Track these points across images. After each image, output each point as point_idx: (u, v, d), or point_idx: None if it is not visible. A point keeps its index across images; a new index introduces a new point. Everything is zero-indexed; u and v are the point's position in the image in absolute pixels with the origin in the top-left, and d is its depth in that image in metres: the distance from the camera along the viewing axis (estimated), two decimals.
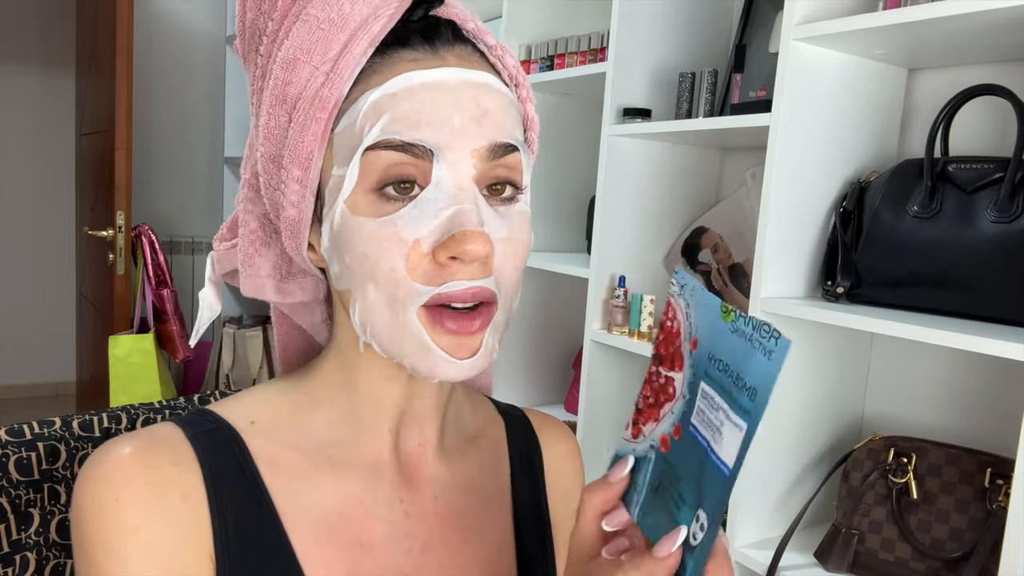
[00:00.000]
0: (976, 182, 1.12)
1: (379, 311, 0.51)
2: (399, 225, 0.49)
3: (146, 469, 0.52)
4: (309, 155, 0.52)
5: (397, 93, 0.49)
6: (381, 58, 0.51)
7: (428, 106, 0.49)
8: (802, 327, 1.30)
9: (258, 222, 0.59)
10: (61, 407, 4.04)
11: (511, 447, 0.69)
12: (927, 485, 1.18)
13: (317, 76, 0.51)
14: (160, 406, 0.72)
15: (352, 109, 0.51)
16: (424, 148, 0.49)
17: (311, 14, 0.51)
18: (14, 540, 0.63)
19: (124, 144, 2.62)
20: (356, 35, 0.51)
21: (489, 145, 0.51)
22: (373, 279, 0.50)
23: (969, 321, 1.10)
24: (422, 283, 0.50)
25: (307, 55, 0.51)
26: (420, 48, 0.51)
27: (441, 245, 0.49)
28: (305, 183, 0.52)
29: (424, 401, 0.60)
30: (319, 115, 0.51)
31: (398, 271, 0.49)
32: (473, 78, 0.51)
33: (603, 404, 1.67)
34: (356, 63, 0.50)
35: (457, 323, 0.50)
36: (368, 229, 0.50)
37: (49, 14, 4.06)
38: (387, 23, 0.51)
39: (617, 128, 1.58)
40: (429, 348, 0.51)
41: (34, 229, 4.17)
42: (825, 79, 1.25)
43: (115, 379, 2.62)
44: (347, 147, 0.51)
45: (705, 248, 1.67)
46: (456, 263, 0.49)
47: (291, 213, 0.54)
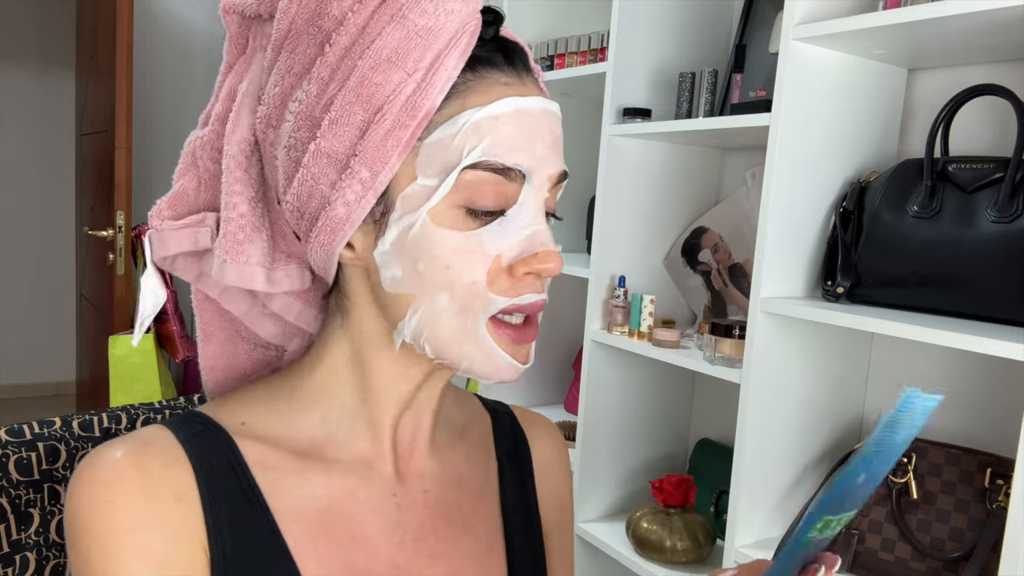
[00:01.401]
0: (976, 182, 1.12)
1: (447, 318, 0.53)
2: (484, 240, 0.53)
3: (138, 471, 0.52)
4: (386, 160, 0.51)
5: (499, 117, 0.52)
6: (473, 75, 0.52)
7: (522, 132, 0.53)
8: (802, 327, 1.30)
9: (248, 205, 0.57)
10: (61, 407, 4.04)
11: (498, 443, 0.70)
12: (927, 485, 1.18)
13: (408, 83, 0.51)
14: (160, 406, 0.72)
15: (449, 124, 0.52)
16: (519, 172, 0.53)
17: (408, 19, 0.51)
18: (14, 540, 0.63)
19: (124, 144, 2.62)
20: (448, 47, 0.51)
21: (560, 172, 0.56)
22: (450, 288, 0.53)
23: (969, 321, 1.10)
24: (499, 294, 0.53)
25: (401, 60, 0.51)
26: (508, 71, 0.54)
27: (522, 261, 0.54)
28: (370, 186, 0.52)
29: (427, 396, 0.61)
30: (408, 122, 0.51)
31: (479, 283, 0.53)
32: (549, 108, 0.55)
33: (603, 404, 1.67)
34: (449, 76, 0.51)
35: (520, 333, 0.55)
36: (454, 241, 0.52)
37: (49, 14, 4.06)
38: (471, 39, 0.52)
39: (617, 128, 1.58)
40: (495, 353, 0.54)
41: (34, 229, 4.17)
42: (825, 79, 1.25)
43: (115, 379, 2.62)
44: (440, 160, 0.52)
45: (705, 248, 1.67)
46: (530, 277, 0.54)
47: (340, 212, 0.53)
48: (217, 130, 0.59)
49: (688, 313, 1.77)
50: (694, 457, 1.74)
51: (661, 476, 1.62)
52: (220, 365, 0.65)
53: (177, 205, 0.60)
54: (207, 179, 0.60)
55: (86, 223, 3.13)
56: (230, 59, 0.61)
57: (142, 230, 2.80)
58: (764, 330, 1.27)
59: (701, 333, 1.55)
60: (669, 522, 1.50)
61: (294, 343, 0.66)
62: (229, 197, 0.56)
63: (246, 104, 0.57)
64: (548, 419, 0.76)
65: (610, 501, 1.73)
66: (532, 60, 0.57)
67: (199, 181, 0.60)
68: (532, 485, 0.70)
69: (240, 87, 0.58)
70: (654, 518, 1.52)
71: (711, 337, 1.38)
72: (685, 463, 1.81)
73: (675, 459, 1.82)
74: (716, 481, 1.62)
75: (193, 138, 0.61)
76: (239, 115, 0.57)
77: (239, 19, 0.59)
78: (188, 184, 0.61)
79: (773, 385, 1.30)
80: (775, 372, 1.29)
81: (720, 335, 1.36)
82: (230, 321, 0.64)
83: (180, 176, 0.61)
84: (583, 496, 1.68)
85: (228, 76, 0.60)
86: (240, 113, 0.57)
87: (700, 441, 1.75)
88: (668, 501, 1.51)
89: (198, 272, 0.61)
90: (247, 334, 0.65)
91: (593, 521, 1.70)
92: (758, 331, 1.27)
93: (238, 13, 0.58)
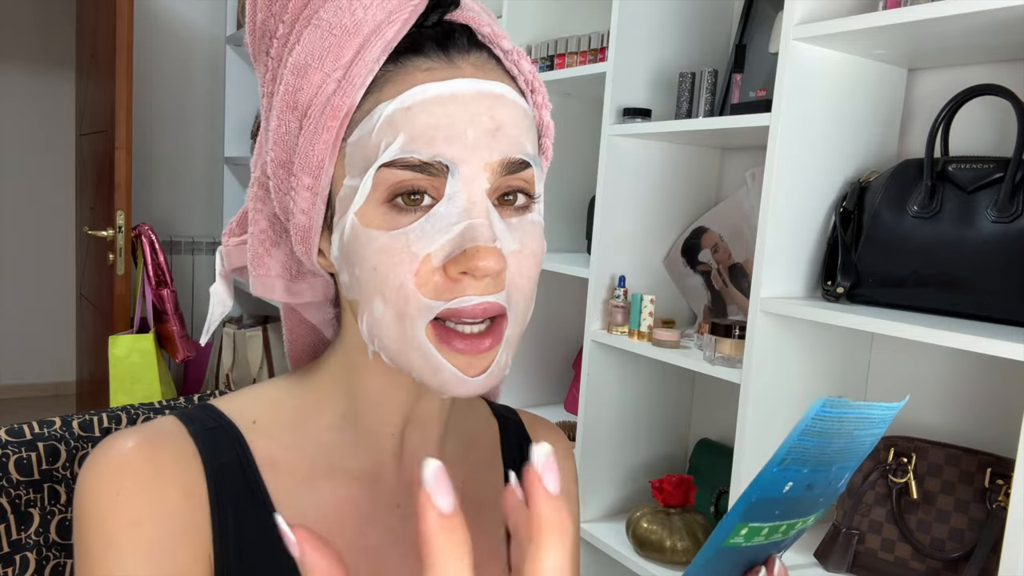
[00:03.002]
0: (976, 182, 1.12)
1: (387, 325, 0.50)
2: (410, 239, 0.48)
3: (148, 464, 0.52)
4: (320, 163, 0.51)
5: (412, 107, 0.48)
6: (395, 66, 0.50)
7: (443, 120, 0.48)
8: (802, 327, 1.30)
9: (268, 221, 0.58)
10: (61, 407, 4.04)
11: (505, 451, 0.70)
12: (927, 485, 1.18)
13: (329, 83, 0.50)
14: (160, 406, 0.72)
15: (366, 120, 0.50)
16: (441, 165, 0.48)
17: (323, 19, 0.50)
18: (14, 540, 0.63)
19: (124, 144, 2.62)
20: (369, 41, 0.49)
21: (502, 160, 0.50)
22: (381, 293, 0.49)
23: (969, 321, 1.10)
24: (431, 298, 0.49)
25: (319, 61, 0.50)
26: (435, 56, 0.50)
27: (453, 260, 0.48)
28: (316, 191, 0.52)
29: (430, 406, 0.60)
30: (330, 123, 0.50)
31: (407, 286, 0.48)
32: (487, 89, 0.50)
33: (603, 404, 1.67)
34: (368, 71, 0.49)
35: (467, 343, 0.49)
36: (379, 242, 0.49)
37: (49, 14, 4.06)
38: (401, 28, 0.50)
39: (617, 128, 1.58)
40: (439, 365, 0.50)
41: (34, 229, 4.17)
42: (825, 79, 1.25)
43: (115, 379, 2.62)
44: (361, 159, 0.50)
45: (705, 248, 1.67)
46: (467, 278, 0.48)
47: (301, 220, 0.53)
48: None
49: (688, 313, 1.77)
50: (694, 457, 1.74)
51: (661, 476, 1.62)
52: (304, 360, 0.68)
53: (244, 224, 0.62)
54: None
55: (86, 223, 3.13)
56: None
57: (142, 230, 2.80)
58: (764, 330, 1.27)
59: (701, 333, 1.55)
60: (669, 522, 1.50)
61: None
62: (253, 215, 0.58)
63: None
64: (555, 424, 0.76)
65: (610, 501, 1.73)
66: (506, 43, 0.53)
67: None
68: None
69: None
70: (654, 518, 1.52)
71: (711, 337, 1.38)
72: (685, 463, 1.81)
73: (675, 459, 1.82)
74: (716, 481, 1.62)
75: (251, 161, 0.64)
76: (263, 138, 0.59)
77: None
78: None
79: (773, 385, 1.30)
80: (775, 372, 1.29)
81: (720, 335, 1.36)
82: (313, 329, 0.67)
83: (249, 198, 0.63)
84: (583, 496, 1.68)
85: None
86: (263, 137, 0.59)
87: (700, 441, 1.75)
88: (668, 501, 1.51)
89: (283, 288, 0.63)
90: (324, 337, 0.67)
91: (593, 521, 1.70)
92: (758, 331, 1.27)
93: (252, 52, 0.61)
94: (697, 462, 1.72)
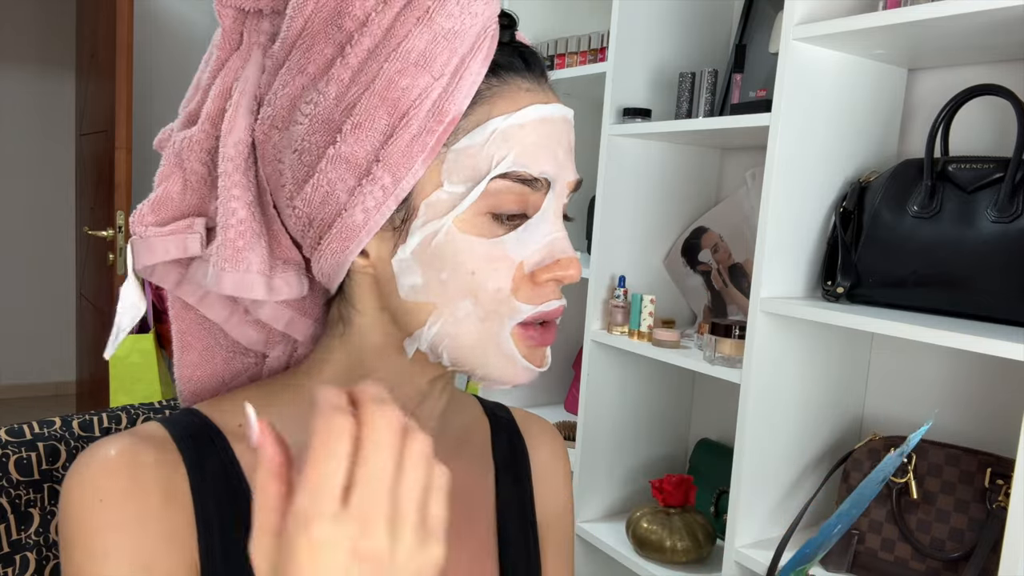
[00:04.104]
0: (976, 182, 1.12)
1: (470, 324, 0.53)
2: (508, 247, 0.52)
3: (130, 470, 0.52)
4: (410, 166, 0.50)
5: (526, 126, 0.52)
6: (499, 81, 0.52)
7: (545, 141, 0.53)
8: (802, 327, 1.30)
9: (247, 210, 0.54)
10: (61, 407, 4.04)
11: (496, 449, 0.69)
12: (927, 485, 1.18)
13: (435, 87, 0.50)
14: (160, 406, 0.72)
15: (477, 131, 0.51)
16: (545, 181, 0.53)
17: (436, 21, 0.50)
18: (14, 540, 0.63)
19: (124, 144, 2.62)
20: (472, 51, 0.51)
21: (577, 179, 0.56)
22: (474, 295, 0.52)
23: (969, 321, 1.10)
24: (523, 302, 0.53)
25: (429, 63, 0.50)
26: (529, 77, 0.54)
27: (545, 268, 0.54)
28: (392, 192, 0.51)
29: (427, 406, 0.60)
30: (434, 128, 0.50)
31: (504, 290, 0.52)
32: (568, 116, 0.56)
33: (603, 404, 1.67)
34: (474, 81, 0.51)
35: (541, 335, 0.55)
36: (480, 249, 0.52)
37: (49, 14, 4.06)
38: (493, 43, 0.52)
39: (617, 128, 1.58)
40: (515, 360, 0.55)
41: (34, 229, 4.17)
42: (825, 79, 1.25)
43: (115, 379, 2.62)
44: (467, 167, 0.51)
45: (705, 248, 1.67)
46: (551, 284, 0.54)
47: (358, 218, 0.51)
48: (207, 130, 0.57)
49: (688, 313, 1.77)
50: (694, 457, 1.74)
51: (661, 476, 1.62)
52: (198, 375, 0.63)
53: (161, 210, 0.57)
54: (194, 182, 0.57)
55: (86, 223, 3.13)
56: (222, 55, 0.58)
57: None
58: (764, 330, 1.27)
59: (701, 333, 1.55)
60: (669, 522, 1.50)
61: (276, 350, 0.64)
62: (228, 203, 0.54)
63: (243, 104, 0.55)
64: (548, 422, 0.76)
65: (610, 501, 1.73)
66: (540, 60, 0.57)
67: (185, 184, 0.58)
68: (530, 490, 0.70)
69: (235, 86, 0.56)
70: (654, 518, 1.52)
71: (711, 337, 1.38)
72: (685, 463, 1.81)
73: (675, 459, 1.82)
74: (716, 481, 1.62)
75: (179, 138, 0.58)
76: (235, 116, 0.55)
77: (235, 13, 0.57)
78: (172, 187, 0.58)
79: (773, 385, 1.30)
80: (775, 372, 1.29)
81: (720, 335, 1.36)
82: (209, 329, 0.62)
83: (163, 179, 0.58)
84: (583, 496, 1.68)
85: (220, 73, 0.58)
86: (237, 114, 0.55)
87: (700, 441, 1.75)
88: (668, 501, 1.51)
89: (178, 279, 0.59)
90: (226, 342, 0.63)
91: (593, 521, 1.70)
92: (758, 331, 1.27)
93: (234, 7, 0.56)
94: (697, 462, 1.72)
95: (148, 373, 2.65)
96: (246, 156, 0.55)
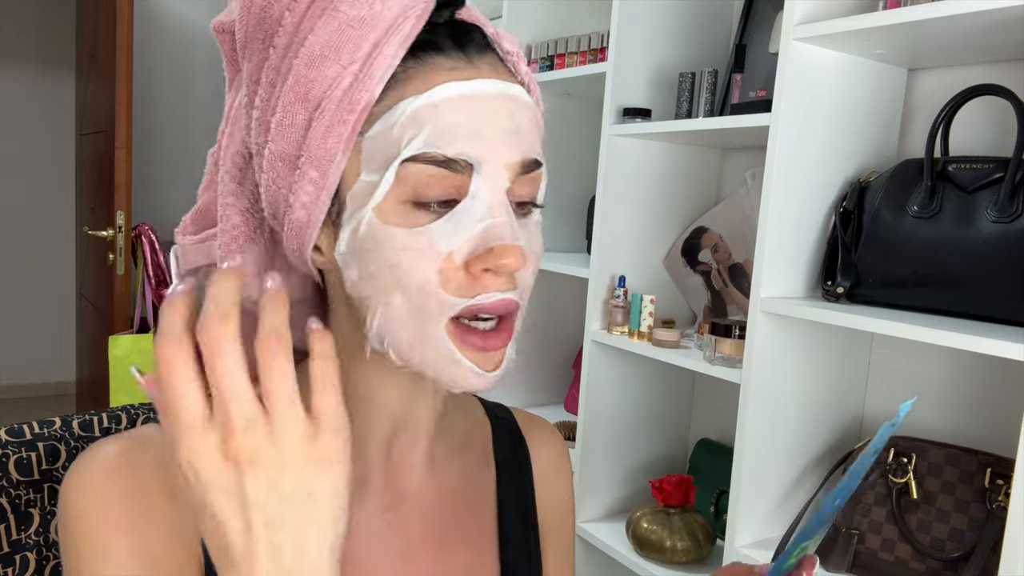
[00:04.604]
0: (976, 182, 1.12)
1: (403, 320, 0.51)
2: (434, 236, 0.49)
3: (131, 469, 0.52)
4: (331, 157, 0.50)
5: (439, 104, 0.49)
6: (416, 62, 0.50)
7: (467, 119, 0.49)
8: (802, 327, 1.30)
9: (241, 216, 0.56)
10: (61, 407, 4.04)
11: (497, 451, 0.69)
12: (927, 485, 1.18)
13: (345, 76, 0.49)
14: None
15: (388, 115, 0.49)
16: (465, 162, 0.49)
17: (340, 10, 0.49)
18: (14, 540, 0.63)
19: (124, 144, 2.62)
20: (387, 35, 0.49)
21: (522, 160, 0.51)
22: (401, 288, 0.50)
23: (969, 321, 1.10)
24: (454, 295, 0.50)
25: (335, 53, 0.49)
26: (455, 55, 0.50)
27: (477, 257, 0.49)
28: (322, 185, 0.51)
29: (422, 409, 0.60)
30: (347, 117, 0.49)
31: (431, 282, 0.49)
32: (507, 90, 0.51)
33: (603, 404, 1.67)
34: (388, 65, 0.49)
35: (484, 340, 0.51)
36: (400, 239, 0.49)
37: (49, 14, 4.06)
38: (416, 24, 0.50)
39: (617, 128, 1.58)
40: (457, 361, 0.51)
41: (34, 229, 4.17)
42: (825, 79, 1.25)
43: (115, 379, 2.62)
44: (380, 154, 0.49)
45: (705, 248, 1.67)
46: (489, 275, 0.50)
47: (300, 215, 0.52)
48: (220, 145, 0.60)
49: (688, 313, 1.77)
50: (694, 457, 1.74)
51: (661, 476, 1.62)
52: None
53: (199, 220, 0.61)
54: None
55: (86, 223, 3.13)
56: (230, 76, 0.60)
57: (142, 230, 2.80)
58: (764, 330, 1.27)
59: (701, 333, 1.55)
60: (669, 522, 1.50)
61: None
62: (223, 210, 0.56)
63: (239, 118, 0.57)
64: (550, 423, 0.76)
65: (610, 501, 1.73)
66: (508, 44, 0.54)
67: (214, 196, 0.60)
68: (531, 491, 0.70)
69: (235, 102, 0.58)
70: (654, 518, 1.52)
71: (711, 337, 1.38)
72: (685, 463, 1.81)
73: (675, 459, 1.82)
74: (716, 481, 1.62)
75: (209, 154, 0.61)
76: (233, 129, 0.57)
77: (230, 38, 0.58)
78: (208, 200, 0.60)
79: (773, 385, 1.30)
80: (775, 372, 1.29)
81: (720, 335, 1.36)
82: None
83: (202, 192, 0.61)
84: (583, 496, 1.68)
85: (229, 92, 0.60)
86: (234, 127, 0.57)
87: (700, 441, 1.75)
88: (668, 501, 1.51)
89: None
90: None
91: (593, 521, 1.70)
92: (758, 331, 1.27)
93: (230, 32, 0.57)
94: (697, 462, 1.72)
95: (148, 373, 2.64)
96: (242, 166, 0.57)
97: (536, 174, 0.53)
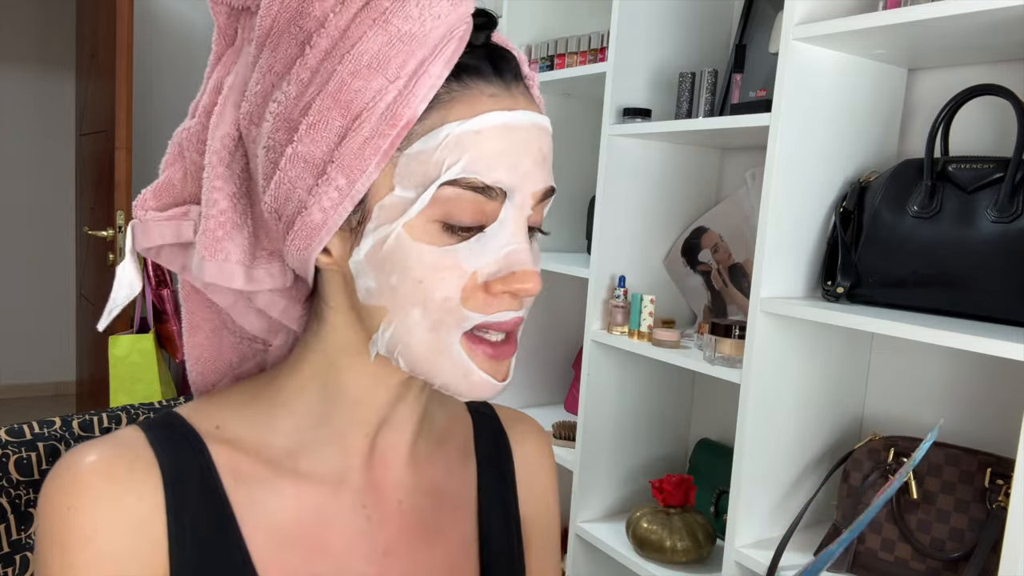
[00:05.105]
0: (976, 182, 1.12)
1: (419, 333, 0.52)
2: (460, 256, 0.51)
3: (102, 477, 0.52)
4: (364, 168, 0.50)
5: (483, 132, 0.50)
6: (458, 85, 0.51)
7: (507, 148, 0.51)
8: (802, 327, 1.30)
9: (229, 202, 0.55)
10: (61, 407, 4.04)
11: (478, 446, 0.69)
12: (927, 485, 1.18)
13: (390, 90, 0.49)
14: (160, 406, 0.72)
15: (430, 136, 0.50)
16: (500, 190, 0.51)
17: (391, 23, 0.49)
18: (14, 540, 0.63)
19: (124, 144, 2.62)
20: (433, 54, 0.49)
21: (545, 189, 0.54)
22: (423, 304, 0.51)
23: (969, 321, 1.10)
24: (472, 311, 0.52)
25: (382, 65, 0.49)
26: (495, 82, 0.52)
27: (500, 279, 0.52)
28: (347, 193, 0.51)
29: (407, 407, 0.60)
30: (387, 131, 0.49)
31: (452, 299, 0.51)
32: (539, 122, 0.53)
33: (603, 404, 1.67)
34: (432, 84, 0.49)
35: (495, 350, 0.54)
36: (429, 257, 0.51)
37: (49, 14, 4.06)
38: (459, 45, 0.50)
39: (617, 128, 1.58)
40: (470, 370, 0.53)
41: (34, 229, 4.17)
42: (825, 79, 1.25)
43: (115, 379, 2.62)
44: (418, 173, 0.50)
45: (705, 248, 1.67)
46: (507, 296, 0.53)
47: (316, 217, 0.52)
48: (203, 122, 0.58)
49: (688, 313, 1.77)
50: (694, 457, 1.74)
51: (661, 476, 1.62)
52: (205, 356, 0.65)
53: (162, 196, 0.59)
54: (193, 171, 0.59)
55: (86, 223, 3.13)
56: (218, 50, 0.59)
57: None
58: (764, 330, 1.27)
59: (701, 333, 1.55)
60: (669, 522, 1.50)
61: (279, 338, 0.65)
62: (210, 193, 0.55)
63: (231, 98, 0.56)
64: (534, 420, 0.76)
65: (610, 501, 1.73)
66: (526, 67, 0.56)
67: (185, 172, 0.59)
68: (513, 487, 0.70)
69: (226, 80, 0.57)
70: (654, 518, 1.52)
71: (711, 337, 1.38)
72: (685, 463, 1.81)
73: (675, 459, 1.82)
74: (716, 481, 1.62)
75: (180, 129, 0.60)
76: (224, 109, 0.56)
77: (227, 10, 0.57)
78: (174, 175, 0.59)
79: (773, 385, 1.30)
80: (775, 372, 1.29)
81: (720, 335, 1.36)
82: (216, 313, 0.63)
83: (167, 166, 0.60)
84: (583, 496, 1.68)
85: (216, 68, 0.59)
86: (225, 107, 0.56)
87: (700, 441, 1.75)
88: (668, 501, 1.51)
89: (183, 263, 0.60)
90: (233, 326, 0.64)
91: (593, 521, 1.70)
92: (758, 331, 1.27)
93: (226, 4, 0.57)
94: (697, 462, 1.72)
95: (148, 373, 2.65)
96: (232, 149, 0.56)
97: (548, 201, 0.55)
